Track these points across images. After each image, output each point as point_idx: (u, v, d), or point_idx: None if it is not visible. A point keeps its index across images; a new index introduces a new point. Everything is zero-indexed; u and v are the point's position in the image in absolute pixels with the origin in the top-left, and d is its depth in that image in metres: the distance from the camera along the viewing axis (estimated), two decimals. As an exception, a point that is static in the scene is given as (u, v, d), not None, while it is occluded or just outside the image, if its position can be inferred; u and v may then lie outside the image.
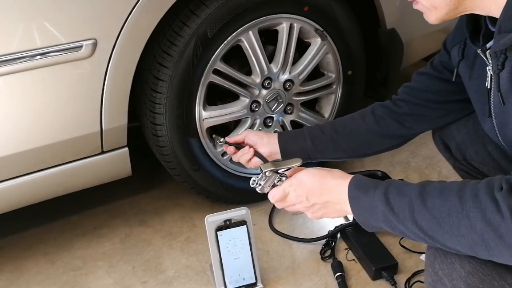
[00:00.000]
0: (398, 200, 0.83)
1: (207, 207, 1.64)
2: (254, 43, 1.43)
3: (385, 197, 0.84)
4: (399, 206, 0.82)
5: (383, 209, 0.84)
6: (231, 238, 1.28)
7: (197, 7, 1.33)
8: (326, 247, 1.46)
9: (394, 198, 0.83)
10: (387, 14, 1.63)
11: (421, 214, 0.79)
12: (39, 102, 1.19)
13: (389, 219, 0.83)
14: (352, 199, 0.90)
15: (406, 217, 0.81)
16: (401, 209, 0.82)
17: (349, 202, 0.90)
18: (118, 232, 1.58)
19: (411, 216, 0.80)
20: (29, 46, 1.11)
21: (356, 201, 0.90)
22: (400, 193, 0.83)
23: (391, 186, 0.86)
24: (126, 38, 1.21)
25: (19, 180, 1.27)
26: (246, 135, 1.32)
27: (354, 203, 0.90)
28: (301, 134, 1.28)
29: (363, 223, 0.91)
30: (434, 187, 0.81)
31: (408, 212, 0.81)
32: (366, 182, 0.90)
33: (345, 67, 1.64)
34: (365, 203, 0.88)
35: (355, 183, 0.91)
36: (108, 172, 1.42)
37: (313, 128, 1.30)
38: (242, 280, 1.29)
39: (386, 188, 0.85)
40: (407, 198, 0.82)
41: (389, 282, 1.32)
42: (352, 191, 0.91)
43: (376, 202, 0.85)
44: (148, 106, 1.40)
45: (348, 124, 1.27)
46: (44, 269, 1.44)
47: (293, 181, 0.99)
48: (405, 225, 0.82)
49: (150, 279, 1.40)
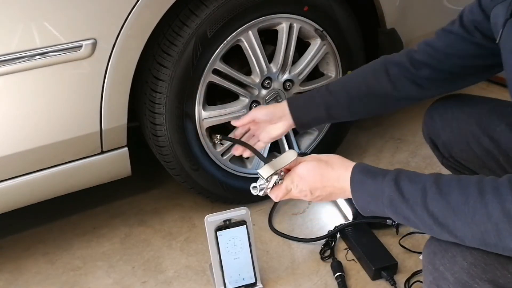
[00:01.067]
0: (409, 186, 0.82)
1: (207, 207, 1.64)
2: (253, 43, 1.43)
3: (395, 183, 0.83)
4: (410, 192, 0.82)
5: (391, 194, 0.83)
6: (230, 238, 1.28)
7: (197, 7, 1.33)
8: (325, 247, 1.45)
9: (405, 184, 0.83)
10: (387, 14, 1.63)
11: (435, 200, 0.79)
12: (38, 102, 1.19)
13: (396, 204, 0.83)
14: (356, 182, 0.89)
15: (416, 202, 0.80)
16: (412, 195, 0.81)
17: (351, 185, 0.90)
18: (118, 232, 1.58)
19: (422, 202, 0.80)
20: (29, 46, 1.11)
21: (360, 185, 0.89)
22: (412, 180, 0.83)
23: (401, 173, 0.85)
24: (125, 38, 1.21)
25: (19, 180, 1.27)
26: (255, 115, 1.25)
27: (356, 187, 0.89)
28: (314, 104, 1.21)
29: (361, 207, 0.90)
30: (450, 178, 0.81)
31: (420, 198, 0.80)
32: (373, 169, 0.90)
33: (345, 67, 1.64)
34: (370, 187, 0.87)
35: (361, 169, 0.90)
36: (108, 172, 1.42)
37: (325, 93, 1.21)
38: (241, 280, 1.29)
39: (396, 175, 0.85)
40: (419, 185, 0.81)
41: (389, 282, 1.32)
42: (356, 175, 0.90)
43: (384, 187, 0.84)
44: (148, 106, 1.40)
45: (362, 87, 1.19)
46: (43, 269, 1.44)
47: (294, 177, 0.97)
48: (414, 210, 0.81)
49: (150, 279, 1.39)
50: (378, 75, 1.17)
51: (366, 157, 1.89)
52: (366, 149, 1.93)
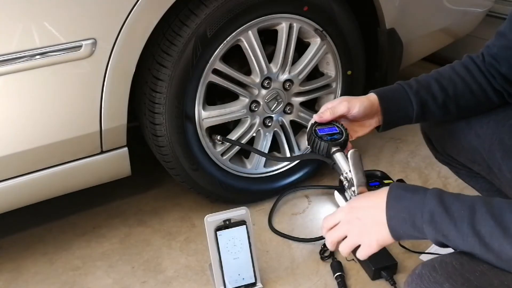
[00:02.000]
0: (456, 202, 0.78)
1: (207, 207, 1.64)
2: (253, 43, 1.43)
3: (439, 198, 0.79)
4: (456, 207, 0.77)
5: (434, 209, 0.79)
6: (230, 238, 1.28)
7: (197, 7, 1.33)
8: (325, 247, 1.45)
9: (451, 200, 0.79)
10: (387, 14, 1.63)
11: (484, 220, 0.75)
12: (38, 102, 1.19)
13: (438, 219, 0.78)
14: (393, 198, 0.84)
15: (462, 219, 0.76)
16: (458, 212, 0.77)
17: (387, 202, 0.84)
18: (118, 232, 1.58)
19: (470, 219, 0.76)
20: (29, 46, 1.11)
21: (397, 200, 0.83)
22: (458, 198, 0.79)
23: (444, 191, 0.81)
24: (125, 38, 1.21)
25: (18, 180, 1.27)
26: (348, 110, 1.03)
27: (393, 202, 0.83)
28: (408, 100, 1.06)
29: (394, 227, 0.84)
30: (502, 201, 0.76)
31: (467, 215, 0.76)
32: (412, 186, 0.85)
33: (345, 67, 1.64)
34: (410, 202, 0.81)
35: (399, 185, 0.85)
36: (108, 172, 1.42)
37: (420, 90, 1.07)
38: (241, 280, 1.29)
39: (439, 191, 0.81)
40: (467, 202, 0.77)
41: (389, 282, 1.32)
42: (395, 190, 0.84)
43: (426, 199, 0.80)
44: (148, 106, 1.40)
45: (458, 85, 1.08)
46: (43, 269, 1.44)
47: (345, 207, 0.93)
48: (458, 227, 0.76)
49: (150, 279, 1.39)
50: (473, 73, 1.09)
51: (366, 157, 1.89)
52: (366, 149, 1.94)
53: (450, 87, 1.07)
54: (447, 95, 1.07)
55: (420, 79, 1.09)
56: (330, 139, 1.00)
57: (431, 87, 1.07)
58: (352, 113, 1.03)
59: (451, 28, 2.01)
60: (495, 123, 1.09)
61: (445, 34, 2.02)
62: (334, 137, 1.00)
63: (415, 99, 1.06)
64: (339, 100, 1.05)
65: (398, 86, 1.08)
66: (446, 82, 1.08)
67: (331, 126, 1.02)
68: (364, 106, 1.03)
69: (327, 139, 0.99)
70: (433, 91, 1.07)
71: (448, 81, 1.08)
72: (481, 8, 2.07)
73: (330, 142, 0.99)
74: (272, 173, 1.66)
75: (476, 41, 2.38)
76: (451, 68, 1.11)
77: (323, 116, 1.03)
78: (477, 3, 2.05)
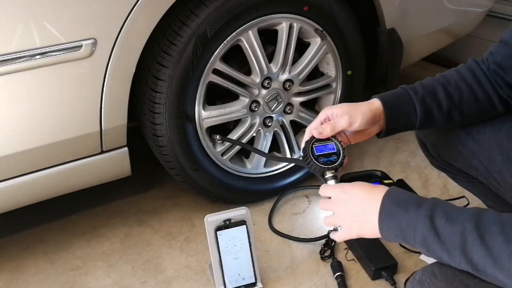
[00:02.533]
0: (447, 227, 0.75)
1: (207, 207, 1.64)
2: (253, 43, 1.43)
3: (431, 221, 0.77)
4: (447, 234, 0.75)
5: (426, 233, 0.77)
6: (230, 238, 1.28)
7: (197, 7, 1.33)
8: (325, 247, 1.45)
9: (442, 224, 0.76)
10: (387, 14, 1.63)
11: (475, 248, 0.73)
12: (38, 101, 1.19)
13: (430, 243, 0.77)
14: (385, 215, 0.82)
15: (454, 246, 0.74)
16: (449, 237, 0.75)
17: (379, 217, 0.83)
18: (118, 232, 1.58)
19: (461, 247, 0.74)
20: (29, 46, 1.11)
21: (390, 218, 0.82)
22: (450, 219, 0.76)
23: (437, 208, 0.78)
24: (125, 38, 1.21)
25: (19, 180, 1.27)
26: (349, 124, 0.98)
27: (385, 220, 0.82)
28: (412, 108, 1.01)
29: (386, 238, 0.84)
30: (492, 221, 0.74)
31: (458, 242, 0.74)
32: (405, 198, 0.82)
33: (345, 67, 1.64)
34: (402, 221, 0.80)
35: (393, 197, 0.83)
36: (108, 172, 1.42)
37: (425, 96, 1.02)
38: (241, 280, 1.29)
39: (431, 210, 0.78)
40: (458, 226, 0.75)
41: (389, 282, 1.32)
42: (387, 205, 0.83)
43: (417, 222, 0.78)
44: (148, 106, 1.40)
45: (464, 92, 1.03)
46: (43, 269, 1.44)
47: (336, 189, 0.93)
48: (450, 253, 0.75)
49: (150, 279, 1.39)
50: (480, 80, 1.04)
51: (366, 157, 1.89)
52: (366, 149, 1.94)
53: (455, 94, 1.03)
54: (452, 102, 1.03)
55: (426, 84, 1.04)
56: (326, 161, 0.97)
57: (437, 93, 1.03)
58: (353, 127, 0.99)
59: (451, 28, 2.01)
60: (492, 127, 1.08)
61: (445, 34, 2.02)
62: (330, 158, 0.97)
63: (420, 106, 1.01)
64: (339, 110, 0.99)
65: (403, 91, 1.04)
66: (452, 88, 1.03)
67: (329, 143, 0.99)
68: (366, 118, 0.98)
69: (323, 161, 0.97)
70: (439, 98, 1.02)
71: (454, 87, 1.04)
72: (481, 8, 2.07)
73: (325, 167, 0.97)
74: (272, 173, 1.66)
75: (476, 41, 2.38)
76: (457, 72, 1.06)
77: (323, 132, 0.98)
78: (477, 3, 2.05)
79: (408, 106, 1.02)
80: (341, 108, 1.00)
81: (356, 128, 0.99)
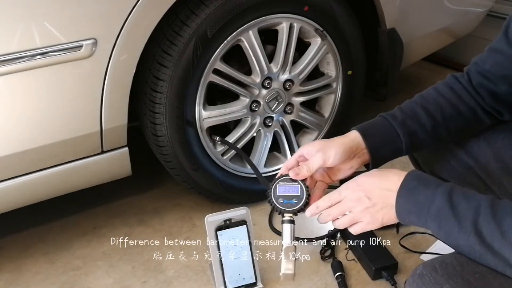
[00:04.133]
0: (463, 201, 0.79)
1: (207, 207, 1.64)
2: (254, 43, 1.43)
3: (449, 195, 0.80)
4: (462, 207, 0.78)
5: (442, 205, 0.79)
6: (231, 238, 1.28)
7: (197, 7, 1.33)
8: (326, 247, 1.45)
9: (459, 198, 0.79)
10: (387, 14, 1.63)
11: (486, 222, 0.76)
12: (39, 102, 1.19)
13: (444, 215, 0.79)
14: (406, 188, 0.84)
15: (467, 219, 0.77)
16: (464, 211, 0.78)
17: (399, 190, 0.84)
18: (118, 232, 1.58)
19: (473, 219, 0.77)
20: (29, 46, 1.11)
21: (410, 191, 0.84)
22: (467, 197, 0.79)
23: (456, 188, 0.81)
24: (126, 38, 1.21)
25: (19, 180, 1.27)
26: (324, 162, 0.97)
27: (404, 192, 0.84)
28: (394, 134, 1.00)
29: (400, 214, 0.85)
30: (506, 204, 0.77)
31: (471, 215, 0.77)
32: (428, 177, 0.85)
33: (345, 67, 1.65)
34: (420, 195, 0.82)
35: (415, 175, 0.86)
36: (108, 172, 1.42)
37: (406, 120, 1.00)
38: (242, 280, 1.29)
39: (451, 188, 0.81)
40: (474, 203, 0.78)
41: (389, 282, 1.32)
42: (409, 181, 0.84)
43: (435, 195, 0.80)
44: (148, 106, 1.40)
45: (445, 108, 1.02)
46: (43, 269, 1.44)
47: (350, 184, 0.91)
48: (462, 225, 0.77)
49: (150, 279, 1.39)
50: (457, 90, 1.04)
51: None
52: (366, 149, 1.93)
53: (437, 112, 1.01)
54: (435, 121, 1.01)
55: (404, 108, 1.03)
56: (286, 203, 0.96)
57: (417, 115, 1.01)
58: (328, 164, 0.97)
59: (452, 28, 2.01)
60: (486, 140, 1.07)
61: (446, 34, 2.02)
62: (291, 201, 0.96)
63: (402, 130, 0.99)
64: (312, 148, 0.98)
65: (382, 119, 1.02)
66: (432, 107, 1.02)
67: (295, 185, 0.97)
68: (340, 153, 0.96)
69: (282, 203, 0.96)
70: (420, 118, 1.01)
71: (434, 105, 1.02)
72: (481, 8, 2.07)
73: (282, 208, 0.96)
74: (272, 173, 1.66)
75: (476, 41, 2.39)
76: (435, 90, 1.05)
77: (300, 173, 0.96)
78: (477, 2, 2.05)
79: (390, 133, 1.00)
80: (314, 146, 0.99)
81: (331, 164, 0.97)
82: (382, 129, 1.00)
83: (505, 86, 0.98)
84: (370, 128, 1.01)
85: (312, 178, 1.01)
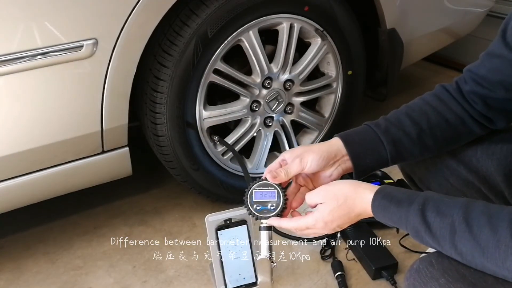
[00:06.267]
0: (437, 220, 0.78)
1: (207, 207, 1.65)
2: (254, 43, 1.44)
3: (422, 214, 0.79)
4: (438, 227, 0.78)
5: (417, 226, 0.79)
6: (231, 238, 1.28)
7: (197, 7, 1.33)
8: (326, 247, 1.46)
9: (433, 217, 0.78)
10: (387, 14, 1.63)
11: (464, 239, 0.75)
12: (39, 101, 1.19)
13: (422, 235, 0.80)
14: (378, 207, 0.84)
15: (444, 238, 0.77)
16: (439, 230, 0.77)
17: (373, 210, 0.85)
18: (118, 231, 1.58)
19: (451, 239, 0.76)
20: (30, 46, 1.11)
21: (383, 210, 0.84)
22: (440, 213, 0.78)
23: (428, 203, 0.80)
24: (126, 38, 1.21)
25: (19, 180, 1.27)
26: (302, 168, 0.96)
27: (379, 212, 0.84)
28: (377, 141, 0.98)
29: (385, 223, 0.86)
30: (480, 212, 0.75)
31: (448, 234, 0.76)
32: (397, 194, 0.84)
33: (345, 67, 1.65)
34: (394, 215, 0.82)
35: (384, 194, 0.85)
36: (109, 172, 1.42)
37: (389, 127, 0.99)
38: (242, 279, 1.29)
39: (423, 204, 0.80)
40: (448, 219, 0.77)
41: (389, 282, 1.32)
42: (378, 200, 0.84)
43: (410, 217, 0.80)
44: (149, 106, 1.40)
45: (431, 116, 1.00)
46: (44, 269, 1.45)
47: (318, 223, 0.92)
48: (441, 245, 0.78)
49: (150, 279, 1.40)
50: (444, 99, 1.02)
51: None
52: (366, 149, 1.93)
53: (423, 120, 0.99)
54: (421, 129, 0.99)
55: (389, 117, 1.01)
56: (262, 209, 0.95)
57: (401, 122, 0.99)
58: (306, 170, 0.96)
59: (452, 28, 2.01)
60: (484, 152, 1.04)
61: (446, 34, 2.02)
62: (266, 207, 0.95)
63: (385, 138, 0.97)
64: (291, 154, 0.98)
65: (365, 127, 1.00)
66: (417, 114, 1.00)
67: (272, 190, 0.96)
68: (317, 159, 0.95)
69: (258, 209, 0.96)
70: (405, 126, 0.98)
71: (419, 113, 1.00)
72: (481, 8, 2.07)
73: (258, 215, 0.96)
74: (272, 173, 1.66)
75: (476, 41, 2.39)
76: (421, 99, 1.04)
77: (277, 177, 0.95)
78: (477, 3, 2.05)
79: (373, 141, 0.98)
80: (294, 152, 0.98)
81: (309, 171, 0.97)
82: (365, 135, 0.99)
83: (502, 92, 0.96)
84: (352, 134, 1.00)
85: (296, 183, 1.01)
